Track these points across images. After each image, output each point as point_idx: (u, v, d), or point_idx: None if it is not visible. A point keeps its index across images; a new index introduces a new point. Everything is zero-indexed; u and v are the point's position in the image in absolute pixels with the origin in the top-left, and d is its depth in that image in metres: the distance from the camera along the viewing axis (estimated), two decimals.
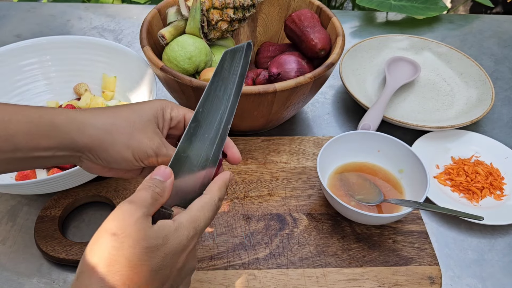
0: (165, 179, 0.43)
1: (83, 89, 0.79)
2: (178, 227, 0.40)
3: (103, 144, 0.45)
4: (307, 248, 0.62)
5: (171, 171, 0.44)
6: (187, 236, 0.41)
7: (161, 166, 0.44)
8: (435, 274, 0.59)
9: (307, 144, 0.76)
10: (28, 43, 0.78)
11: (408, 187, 0.66)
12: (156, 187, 0.41)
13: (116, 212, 0.39)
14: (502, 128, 0.86)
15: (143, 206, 0.39)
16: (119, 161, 0.46)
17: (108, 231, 0.37)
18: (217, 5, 0.74)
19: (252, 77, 0.78)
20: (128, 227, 0.38)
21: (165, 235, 0.39)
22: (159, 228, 0.39)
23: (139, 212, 0.39)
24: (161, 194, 0.42)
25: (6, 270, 0.60)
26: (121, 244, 0.37)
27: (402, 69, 0.92)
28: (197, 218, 0.42)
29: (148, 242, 0.38)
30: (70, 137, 0.44)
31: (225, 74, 0.48)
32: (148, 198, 0.40)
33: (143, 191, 0.41)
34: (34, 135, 0.43)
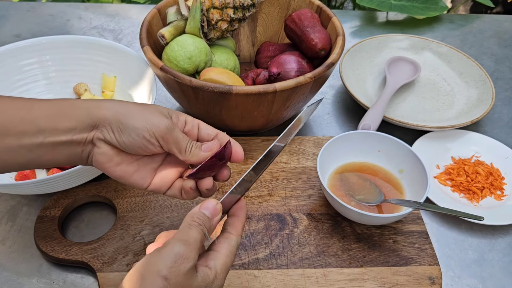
0: (213, 216, 0.42)
1: (83, 89, 0.79)
2: (216, 276, 0.41)
3: (119, 114, 0.45)
4: (307, 248, 0.62)
5: (221, 208, 0.44)
6: (221, 286, 0.41)
7: (213, 201, 0.43)
8: (436, 274, 0.59)
9: (307, 144, 0.76)
10: (28, 43, 0.78)
11: (409, 187, 0.66)
12: (204, 226, 0.41)
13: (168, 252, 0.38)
14: (502, 128, 0.86)
15: (195, 249, 0.39)
16: (131, 135, 0.45)
17: (159, 273, 0.37)
18: (217, 5, 0.74)
19: (252, 77, 0.78)
20: (179, 274, 0.38)
21: (206, 285, 0.40)
22: (202, 278, 0.40)
23: (192, 260, 0.39)
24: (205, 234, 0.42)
25: (5, 270, 0.60)
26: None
27: (403, 69, 0.92)
28: (227, 265, 0.42)
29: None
30: (88, 112, 0.45)
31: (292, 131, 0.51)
32: (199, 242, 0.40)
33: (193, 230, 0.41)
34: (55, 116, 0.44)
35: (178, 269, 0.38)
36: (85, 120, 0.44)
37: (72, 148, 0.45)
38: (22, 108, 0.44)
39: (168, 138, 0.45)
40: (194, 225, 0.41)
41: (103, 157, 0.46)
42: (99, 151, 0.46)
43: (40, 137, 0.44)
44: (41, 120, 0.44)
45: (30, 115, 0.44)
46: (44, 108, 0.44)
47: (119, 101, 0.47)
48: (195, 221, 0.41)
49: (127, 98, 0.78)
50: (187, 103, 0.72)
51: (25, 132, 0.43)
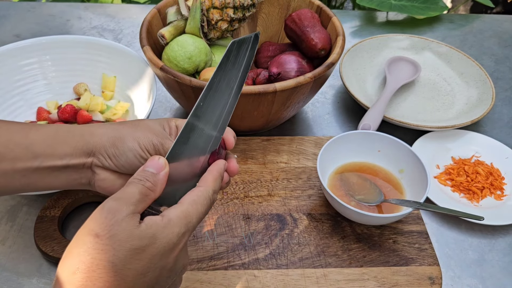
0: (158, 170, 0.40)
1: (83, 89, 0.79)
2: (167, 224, 0.38)
3: (112, 139, 0.44)
4: (307, 248, 0.62)
5: (166, 162, 0.41)
6: (177, 234, 0.38)
7: (155, 156, 0.41)
8: (436, 274, 0.59)
9: (307, 144, 0.76)
10: (28, 43, 0.77)
11: (409, 187, 0.66)
12: (146, 181, 0.39)
13: (99, 210, 0.36)
14: (502, 128, 0.86)
15: (129, 203, 0.37)
16: (129, 157, 0.44)
17: (90, 232, 0.35)
18: (217, 5, 0.74)
19: (252, 77, 0.78)
20: (112, 227, 0.35)
21: (153, 234, 0.36)
22: (146, 226, 0.37)
23: (124, 211, 0.36)
24: (152, 188, 0.39)
25: (5, 270, 0.60)
26: (104, 246, 0.34)
27: (403, 69, 0.92)
28: (188, 213, 0.39)
29: (134, 243, 0.35)
30: (83, 139, 0.44)
31: (229, 66, 0.46)
32: (136, 194, 0.38)
33: (131, 186, 0.38)
34: (52, 141, 0.44)
35: (109, 223, 0.35)
36: (80, 147, 0.44)
37: (69, 173, 0.45)
38: (17, 133, 0.43)
39: (161, 152, 0.45)
40: (132, 182, 0.39)
41: (105, 183, 0.46)
42: (99, 178, 0.46)
43: (35, 162, 0.43)
44: (36, 145, 0.43)
45: (26, 140, 0.43)
46: (40, 133, 0.44)
47: (111, 125, 0.46)
48: (135, 179, 0.39)
49: (127, 98, 0.78)
50: (187, 103, 0.72)
51: (20, 157, 0.43)
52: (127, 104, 0.77)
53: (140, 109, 0.74)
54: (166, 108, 0.87)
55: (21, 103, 0.77)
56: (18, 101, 0.77)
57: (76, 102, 0.76)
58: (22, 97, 0.78)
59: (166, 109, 0.86)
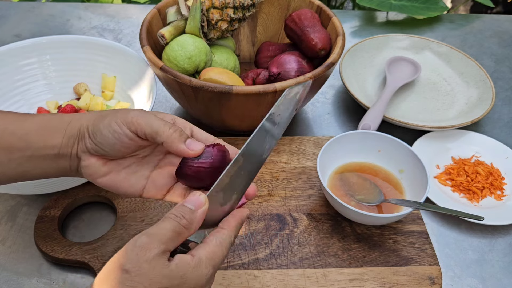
0: (197, 208, 0.39)
1: (83, 89, 0.79)
2: (197, 264, 0.37)
3: (93, 120, 0.45)
4: (307, 248, 0.62)
5: (206, 200, 0.40)
6: (206, 275, 0.38)
7: (196, 192, 0.41)
8: (436, 274, 0.59)
9: (307, 144, 0.76)
10: (28, 42, 0.77)
11: (409, 187, 0.66)
12: (182, 217, 0.38)
13: (130, 245, 0.36)
14: (502, 128, 0.86)
15: (161, 241, 0.36)
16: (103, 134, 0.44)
17: (120, 267, 0.35)
18: (217, 5, 0.74)
19: (252, 77, 0.78)
20: (143, 264, 0.35)
21: (183, 274, 0.36)
22: (177, 266, 0.36)
23: (155, 249, 0.36)
24: (187, 226, 0.38)
25: (5, 270, 0.60)
26: (134, 283, 0.34)
27: (403, 69, 0.92)
28: (215, 255, 0.39)
29: (163, 282, 0.35)
30: (72, 125, 0.45)
31: (280, 113, 0.46)
32: (169, 232, 0.37)
33: (165, 222, 0.38)
34: (45, 129, 0.45)
35: (139, 260, 0.35)
36: (69, 134, 0.45)
37: (60, 161, 0.46)
38: (13, 123, 0.45)
39: (139, 121, 0.43)
40: (168, 218, 0.38)
41: (89, 169, 0.46)
42: (84, 164, 0.46)
43: (29, 151, 0.44)
44: (31, 135, 0.44)
45: (21, 129, 0.44)
46: (34, 122, 0.45)
47: (101, 110, 0.47)
48: (171, 214, 0.39)
49: (127, 98, 0.78)
50: (187, 103, 0.72)
51: (15, 146, 0.44)
52: (127, 104, 0.77)
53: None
54: (166, 108, 0.87)
55: (21, 103, 0.77)
56: (18, 101, 0.77)
57: (76, 102, 0.76)
58: (22, 97, 0.78)
59: (166, 109, 0.86)
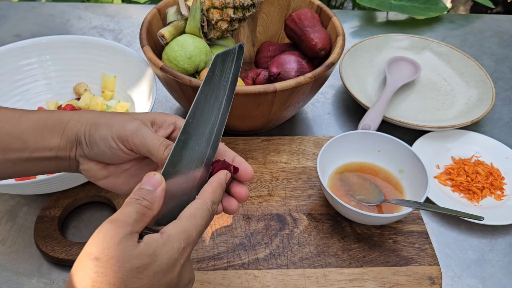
0: (155, 187, 0.39)
1: (83, 89, 0.79)
2: (166, 240, 0.37)
3: (89, 127, 0.44)
4: (307, 248, 0.62)
5: (162, 178, 0.40)
6: (178, 249, 0.37)
7: (151, 173, 0.40)
8: (436, 274, 0.59)
9: (307, 144, 0.76)
10: (28, 42, 0.77)
11: (409, 187, 0.66)
12: (143, 199, 0.38)
13: (96, 234, 0.36)
14: (502, 128, 0.86)
15: (126, 224, 0.36)
16: (100, 147, 0.43)
17: (89, 256, 0.35)
18: (217, 5, 0.74)
19: (252, 77, 0.78)
20: (111, 249, 0.35)
21: (153, 251, 0.36)
22: (146, 245, 0.36)
23: (121, 232, 0.36)
24: (149, 206, 0.38)
25: (5, 270, 0.60)
26: (104, 269, 0.34)
27: (403, 69, 0.92)
28: (187, 228, 0.38)
29: (133, 263, 0.35)
30: (69, 127, 0.45)
31: (216, 80, 0.45)
32: (133, 214, 0.37)
33: (127, 206, 0.38)
34: (42, 129, 0.44)
35: (107, 246, 0.35)
36: (66, 136, 0.44)
37: (59, 162, 0.45)
38: (9, 121, 0.44)
39: (135, 140, 0.43)
40: (129, 202, 0.38)
41: (88, 172, 0.46)
42: (83, 168, 0.46)
43: (26, 152, 0.44)
44: (27, 134, 0.43)
45: (17, 129, 0.43)
46: (31, 121, 0.44)
47: (97, 112, 0.46)
48: (131, 198, 0.38)
49: (127, 98, 0.78)
50: (187, 103, 0.72)
51: (11, 147, 0.43)
52: (127, 104, 0.77)
53: (140, 109, 0.74)
54: (166, 108, 0.87)
55: (21, 103, 0.77)
56: (18, 101, 0.77)
57: (76, 102, 0.76)
58: (22, 97, 0.78)
59: (166, 109, 0.86)
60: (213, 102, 0.45)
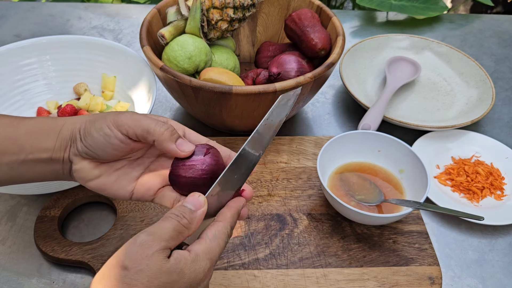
0: (197, 208, 0.40)
1: (83, 89, 0.79)
2: (194, 259, 0.38)
3: (85, 123, 0.45)
4: (307, 248, 0.62)
5: (205, 201, 0.41)
6: (203, 269, 0.39)
7: (195, 193, 0.41)
8: (436, 274, 0.59)
9: (307, 144, 0.76)
10: (28, 42, 0.77)
11: (409, 187, 0.66)
12: (183, 217, 0.39)
13: (130, 243, 0.36)
14: (502, 128, 0.86)
15: (162, 239, 0.37)
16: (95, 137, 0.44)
17: (119, 264, 0.35)
18: (217, 5, 0.74)
19: (252, 77, 0.78)
20: (143, 261, 0.35)
21: (181, 269, 0.37)
22: (175, 261, 0.37)
23: (156, 246, 0.36)
24: (187, 226, 0.39)
25: (5, 270, 0.60)
26: (133, 280, 0.34)
27: (403, 69, 0.92)
28: (212, 249, 0.40)
29: (163, 278, 0.35)
30: (65, 128, 0.45)
31: (273, 119, 0.47)
32: (170, 231, 0.38)
33: (166, 221, 0.38)
34: (38, 133, 0.45)
35: (139, 257, 0.35)
36: (62, 137, 0.45)
37: (53, 165, 0.46)
38: (7, 127, 0.44)
39: (129, 123, 0.43)
40: (168, 217, 0.39)
41: (81, 172, 0.46)
42: (76, 168, 0.46)
43: (22, 154, 0.44)
44: (24, 139, 0.44)
45: (14, 133, 0.44)
46: (28, 126, 0.45)
47: (94, 113, 0.47)
48: (172, 214, 0.39)
49: (127, 98, 0.78)
50: (187, 103, 0.72)
51: (8, 151, 0.44)
52: (127, 104, 0.77)
53: (140, 109, 0.74)
54: (166, 108, 0.87)
55: (21, 103, 0.77)
56: (18, 101, 0.77)
57: (76, 102, 0.76)
58: (22, 97, 0.78)
59: (166, 109, 0.86)
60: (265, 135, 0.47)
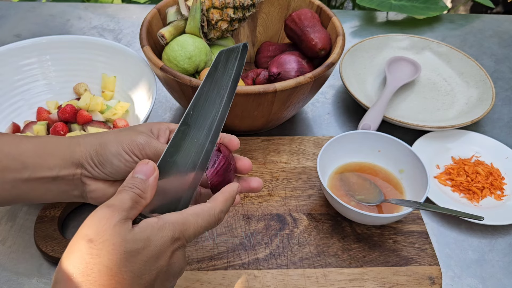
0: (147, 176, 0.40)
1: (83, 89, 0.79)
2: (162, 226, 0.38)
3: (95, 147, 0.45)
4: (307, 248, 0.62)
5: (155, 166, 0.41)
6: (171, 237, 0.38)
7: (144, 160, 0.41)
8: (436, 274, 0.59)
9: (307, 144, 0.76)
10: (28, 43, 0.78)
11: (409, 187, 0.66)
12: (136, 188, 0.39)
13: (92, 217, 0.37)
14: (502, 128, 0.86)
15: (121, 209, 0.37)
16: (114, 163, 0.44)
17: (83, 238, 0.35)
18: (217, 5, 0.74)
19: (252, 77, 0.78)
20: (106, 232, 0.35)
21: (147, 236, 0.37)
22: (141, 229, 0.37)
23: (117, 216, 0.36)
24: (142, 195, 0.39)
25: (5, 270, 0.60)
26: (98, 251, 0.35)
27: (403, 69, 0.92)
28: (186, 222, 0.40)
29: (127, 246, 0.36)
30: (70, 149, 0.45)
31: (219, 76, 0.46)
32: (127, 200, 0.38)
33: (122, 193, 0.39)
34: (41, 151, 0.44)
35: (103, 228, 0.35)
36: (68, 158, 0.45)
37: (60, 185, 0.45)
38: (7, 143, 0.44)
39: (147, 152, 0.45)
40: (123, 190, 0.39)
41: (96, 193, 0.46)
42: (90, 189, 0.46)
43: (25, 173, 0.43)
44: (26, 155, 0.44)
45: (16, 150, 0.44)
46: (30, 143, 0.45)
47: (96, 133, 0.47)
48: (125, 187, 0.39)
49: (127, 98, 0.78)
50: (187, 103, 0.72)
51: (9, 168, 0.43)
52: (127, 104, 0.77)
53: (140, 109, 0.74)
54: (166, 108, 0.87)
55: (21, 103, 0.77)
56: (18, 101, 0.77)
57: (76, 102, 0.76)
58: (22, 97, 0.78)
59: (166, 109, 0.86)
60: (214, 97, 0.46)
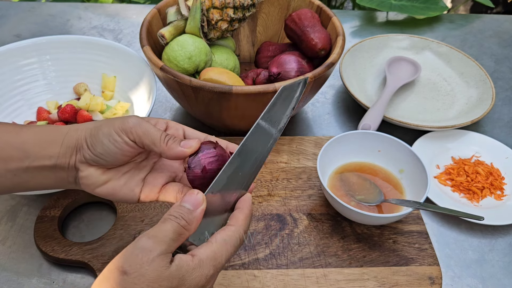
0: (195, 207, 0.39)
1: (83, 89, 0.79)
2: (197, 265, 0.37)
3: (90, 130, 0.45)
4: (307, 248, 0.62)
5: (204, 198, 0.40)
6: (206, 276, 0.38)
7: (193, 190, 0.40)
8: (436, 274, 0.59)
9: (307, 144, 0.76)
10: (28, 42, 0.77)
11: (409, 187, 0.66)
12: (182, 218, 0.38)
13: (131, 247, 0.36)
14: (502, 128, 0.86)
15: (163, 242, 0.36)
16: (104, 144, 0.44)
17: (118, 268, 0.35)
18: (217, 5, 0.74)
19: (252, 77, 0.78)
20: (142, 266, 0.35)
21: (183, 275, 0.36)
22: (177, 267, 0.36)
23: (157, 250, 0.36)
24: (187, 227, 0.38)
25: (5, 270, 0.60)
26: (132, 284, 0.34)
27: (403, 69, 0.92)
28: (219, 255, 0.39)
29: (163, 284, 0.35)
30: (69, 135, 0.46)
31: (276, 111, 0.46)
32: (170, 233, 0.37)
33: (166, 223, 0.38)
34: (42, 140, 0.45)
35: (140, 262, 0.35)
36: (66, 144, 0.45)
37: (58, 172, 0.46)
38: (10, 133, 0.45)
39: (138, 131, 0.44)
40: (167, 219, 0.38)
41: (88, 179, 0.46)
42: (83, 175, 0.46)
43: (26, 161, 0.44)
44: (28, 145, 0.44)
45: (18, 139, 0.44)
46: (31, 132, 0.45)
47: (96, 120, 0.47)
48: (171, 216, 0.38)
49: (127, 98, 0.78)
50: (187, 103, 0.72)
51: (12, 157, 0.44)
52: (127, 104, 0.77)
53: (140, 109, 0.74)
54: (166, 108, 0.87)
55: (21, 103, 0.77)
56: (18, 101, 0.77)
57: (76, 102, 0.76)
58: (22, 97, 0.78)
59: (166, 109, 0.86)
60: (268, 130, 0.46)
